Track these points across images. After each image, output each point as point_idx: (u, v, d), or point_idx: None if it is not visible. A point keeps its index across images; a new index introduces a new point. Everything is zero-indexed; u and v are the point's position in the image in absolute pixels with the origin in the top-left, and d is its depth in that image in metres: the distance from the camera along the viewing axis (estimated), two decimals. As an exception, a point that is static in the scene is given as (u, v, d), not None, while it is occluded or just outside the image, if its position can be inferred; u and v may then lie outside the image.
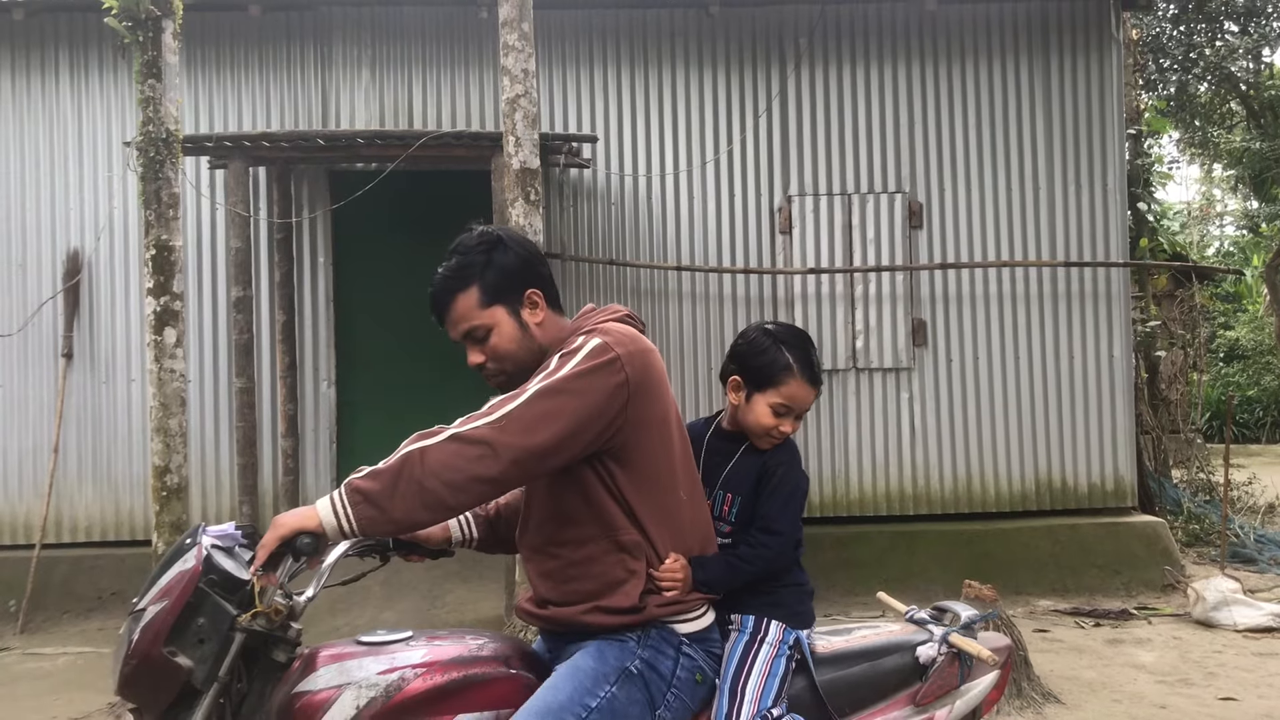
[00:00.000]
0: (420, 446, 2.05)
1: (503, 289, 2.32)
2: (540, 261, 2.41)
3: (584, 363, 2.16)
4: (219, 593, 2.15)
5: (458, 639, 2.28)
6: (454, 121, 7.92)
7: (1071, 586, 7.56)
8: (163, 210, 5.34)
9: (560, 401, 2.11)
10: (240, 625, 2.12)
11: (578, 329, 2.33)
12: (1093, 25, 8.09)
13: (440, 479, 2.02)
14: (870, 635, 2.56)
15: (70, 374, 7.78)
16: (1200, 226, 26.76)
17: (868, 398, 7.94)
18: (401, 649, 2.21)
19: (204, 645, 2.14)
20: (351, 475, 2.08)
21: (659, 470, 2.28)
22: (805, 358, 2.48)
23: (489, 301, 2.32)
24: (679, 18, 7.98)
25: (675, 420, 2.35)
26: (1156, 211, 13.18)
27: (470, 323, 2.32)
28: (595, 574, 2.26)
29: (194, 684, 2.13)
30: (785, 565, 2.45)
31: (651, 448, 2.25)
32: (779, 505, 2.44)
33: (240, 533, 2.36)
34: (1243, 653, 6.20)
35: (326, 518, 2.05)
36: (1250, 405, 20.29)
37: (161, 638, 2.13)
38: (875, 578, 7.33)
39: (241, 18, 7.75)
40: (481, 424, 2.08)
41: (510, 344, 2.32)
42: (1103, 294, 8.01)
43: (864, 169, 8.01)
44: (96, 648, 6.65)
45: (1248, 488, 11.25)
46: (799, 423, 2.51)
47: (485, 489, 2.10)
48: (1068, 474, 7.98)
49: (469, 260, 2.33)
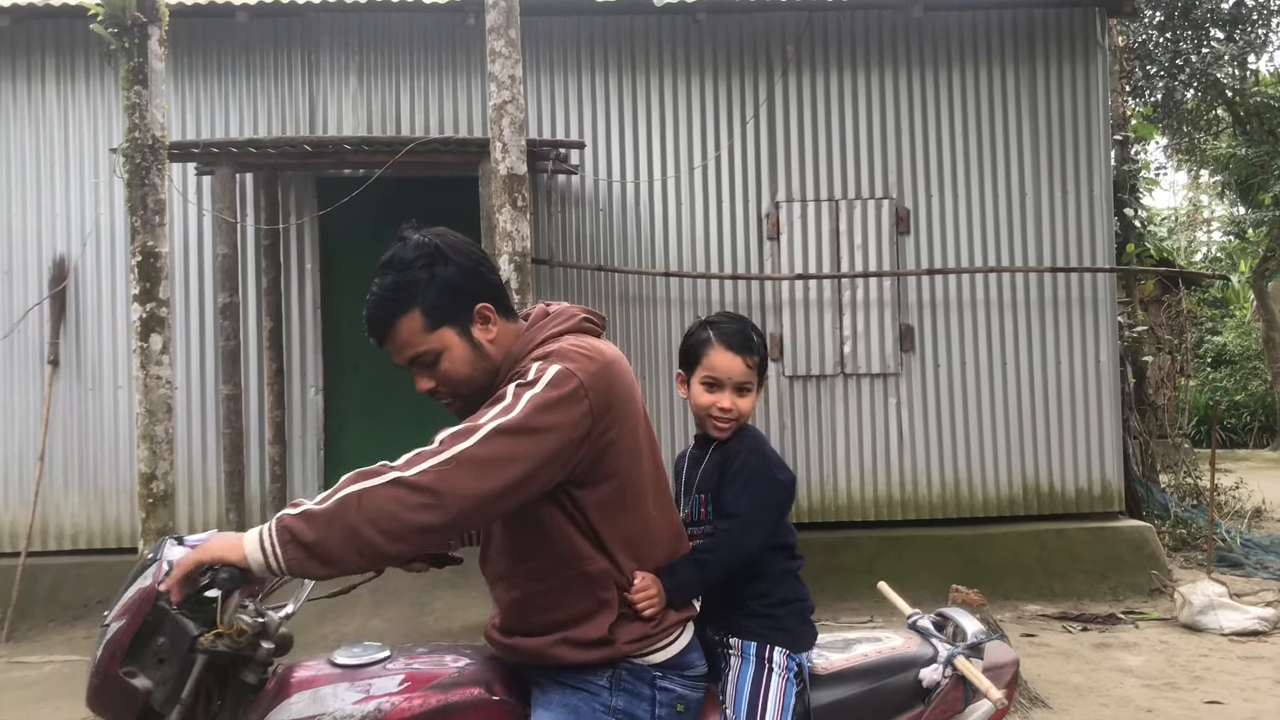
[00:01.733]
0: (358, 489, 1.85)
1: (449, 308, 2.10)
2: (488, 268, 2.19)
3: (544, 394, 1.95)
4: (182, 611, 2.04)
5: (436, 660, 2.17)
6: (441, 128, 7.92)
7: (1059, 591, 7.58)
8: (149, 217, 5.33)
9: (518, 443, 1.91)
10: (201, 646, 2.02)
11: (532, 344, 2.13)
12: (1079, 32, 8.13)
13: (377, 527, 1.82)
14: (871, 652, 2.46)
15: (56, 381, 7.75)
16: (1187, 232, 26.86)
17: (855, 403, 7.96)
18: (378, 674, 2.10)
19: (164, 666, 2.05)
20: (286, 509, 1.89)
21: (626, 489, 2.11)
22: (726, 329, 2.42)
23: (435, 324, 2.09)
24: (667, 24, 8.00)
25: (643, 426, 2.18)
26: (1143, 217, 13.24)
27: (416, 349, 2.10)
28: (562, 605, 2.12)
29: (153, 706, 2.04)
30: (751, 550, 2.31)
31: (619, 467, 2.09)
32: (736, 489, 2.34)
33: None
34: (1229, 656, 6.22)
35: (253, 553, 1.85)
36: (1237, 410, 20.40)
37: (118, 658, 2.05)
38: (863, 583, 7.33)
39: (229, 24, 7.74)
40: (428, 466, 1.86)
41: (463, 367, 2.11)
42: (1089, 299, 8.04)
43: (851, 175, 8.03)
44: (82, 656, 6.61)
45: (1234, 492, 11.29)
46: (744, 398, 2.40)
47: (428, 539, 1.91)
48: (1055, 479, 8.00)
49: (408, 278, 2.09)
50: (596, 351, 2.07)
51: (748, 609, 2.34)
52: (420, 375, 2.14)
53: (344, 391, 8.06)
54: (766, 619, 2.34)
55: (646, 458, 2.17)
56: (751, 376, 2.41)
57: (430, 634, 6.44)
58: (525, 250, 6.01)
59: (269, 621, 2.11)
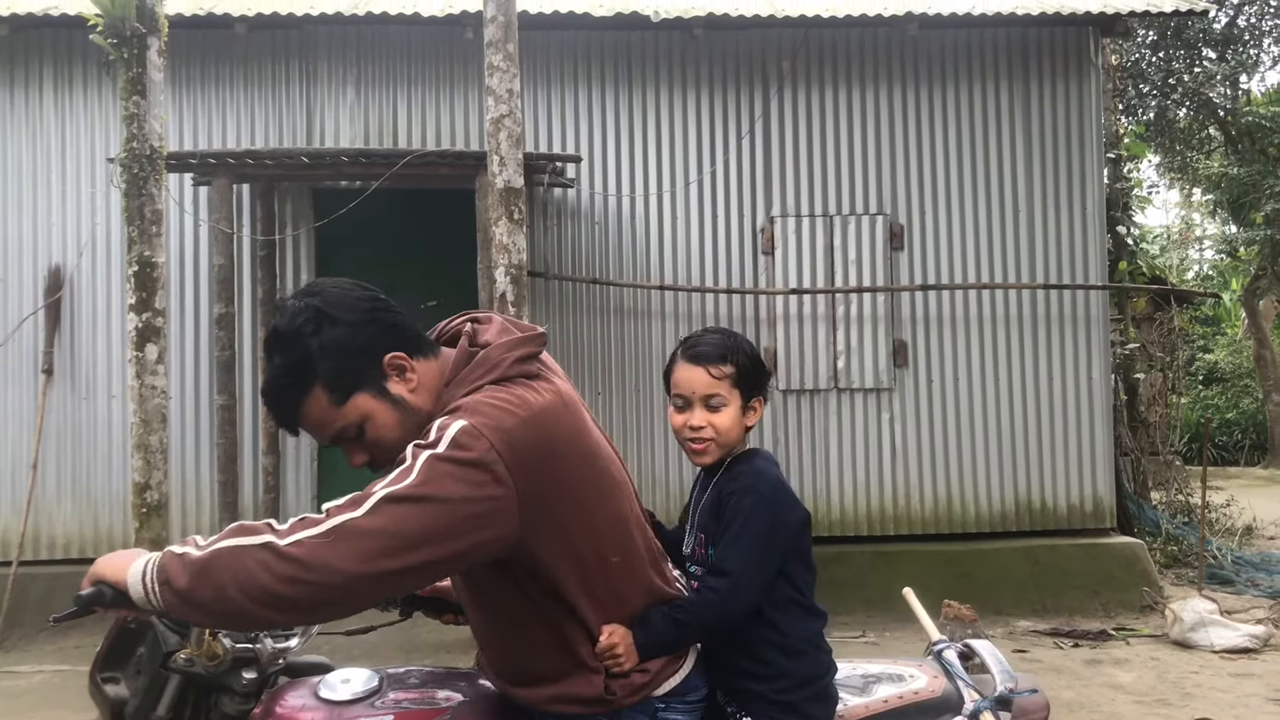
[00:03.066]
0: (231, 546, 1.64)
1: (354, 373, 1.85)
2: (383, 308, 1.92)
3: (445, 455, 1.71)
4: (166, 624, 1.98)
5: (427, 695, 2.02)
6: (438, 140, 7.95)
7: (1051, 607, 7.59)
8: (146, 226, 5.34)
9: (411, 514, 1.66)
10: (172, 664, 1.97)
11: (455, 397, 1.87)
12: (1072, 51, 8.19)
13: (244, 592, 1.62)
14: (893, 697, 2.28)
15: (50, 390, 7.74)
16: (1180, 250, 26.98)
17: (849, 418, 7.98)
18: (364, 713, 1.95)
19: (139, 678, 2.03)
20: (174, 545, 1.71)
21: (579, 542, 1.87)
22: (692, 340, 2.21)
23: (344, 395, 1.84)
24: (663, 40, 8.04)
25: (602, 464, 1.94)
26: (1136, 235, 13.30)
27: (334, 427, 1.87)
28: (542, 659, 1.96)
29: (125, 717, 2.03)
30: (738, 614, 2.07)
31: (568, 518, 1.85)
32: (728, 540, 2.09)
33: None
34: (1219, 673, 6.24)
35: (134, 584, 1.67)
36: (1229, 428, 20.44)
37: (96, 664, 2.06)
38: (855, 598, 7.37)
39: (227, 35, 7.76)
40: (304, 536, 1.63)
41: (392, 432, 1.87)
42: (1082, 316, 8.08)
43: (846, 191, 8.07)
44: (74, 665, 6.57)
45: (1226, 510, 11.31)
46: (718, 414, 2.15)
47: (301, 615, 1.73)
48: (1047, 495, 8.02)
49: (297, 355, 1.82)
50: (519, 402, 1.80)
51: (763, 692, 2.11)
52: (351, 450, 1.92)
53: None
54: (784, 705, 2.11)
55: (607, 499, 1.94)
56: (720, 388, 2.14)
57: (424, 646, 6.45)
58: (521, 263, 6.03)
59: (260, 650, 2.03)
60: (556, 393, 1.88)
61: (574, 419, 1.89)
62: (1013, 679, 2.37)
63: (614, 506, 1.95)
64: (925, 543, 7.90)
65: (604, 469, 1.94)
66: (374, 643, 6.09)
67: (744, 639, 2.13)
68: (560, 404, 1.87)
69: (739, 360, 2.17)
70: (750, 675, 2.12)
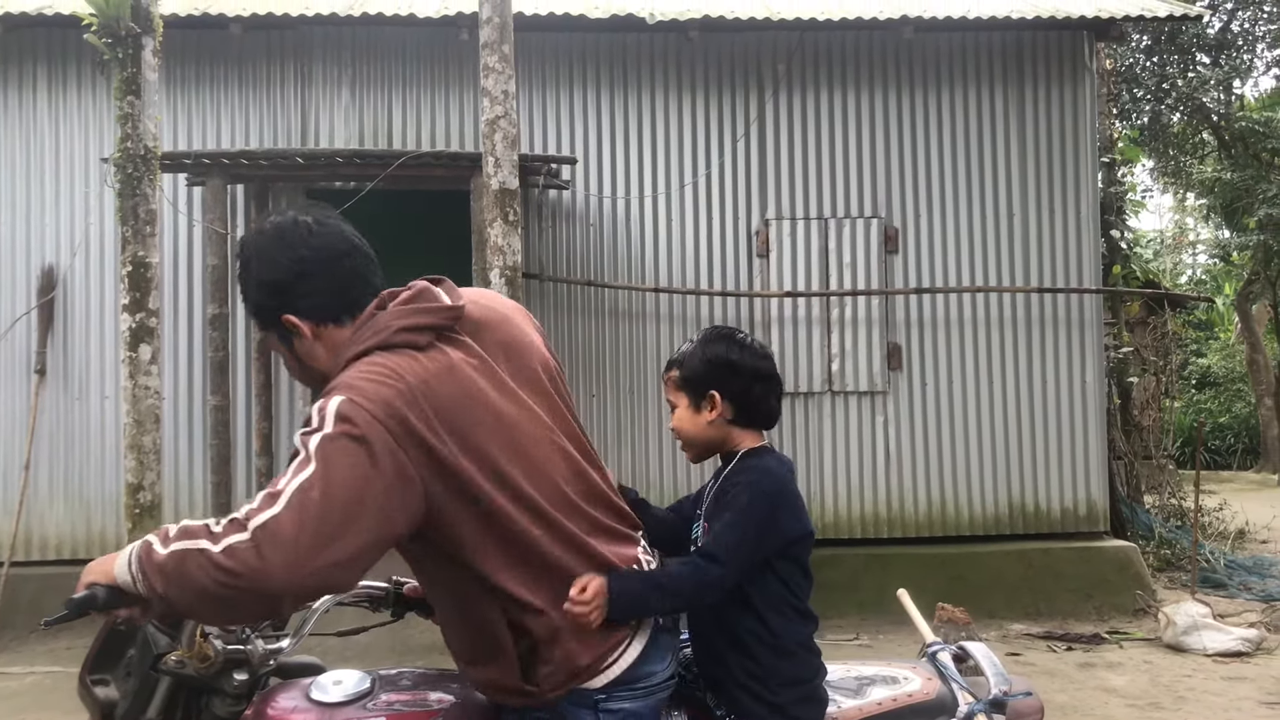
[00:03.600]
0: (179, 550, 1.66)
1: (260, 318, 2.00)
2: (297, 273, 1.94)
3: (335, 439, 1.70)
4: (156, 626, 1.99)
5: (419, 697, 2.02)
6: (433, 142, 7.94)
7: (1044, 610, 7.61)
8: (139, 227, 5.33)
9: (324, 503, 1.66)
10: (162, 666, 1.97)
11: (344, 350, 1.91)
12: (1066, 56, 8.21)
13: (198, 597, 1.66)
14: (887, 700, 2.28)
15: (43, 390, 7.72)
16: (1173, 255, 27.06)
17: (843, 421, 7.98)
18: (356, 715, 1.94)
19: (130, 680, 2.03)
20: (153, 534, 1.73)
21: (495, 513, 1.84)
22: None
23: (262, 328, 2.04)
24: (659, 42, 8.04)
25: (506, 434, 1.88)
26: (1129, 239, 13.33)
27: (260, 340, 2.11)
28: (471, 644, 1.97)
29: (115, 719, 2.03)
30: (716, 592, 2.09)
31: (478, 492, 1.82)
32: (722, 525, 2.12)
33: None
34: (1212, 677, 6.25)
35: (123, 577, 1.70)
36: (1222, 432, 20.52)
37: (87, 665, 2.06)
38: (849, 600, 7.37)
39: (222, 36, 7.75)
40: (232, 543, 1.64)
41: (294, 371, 2.04)
42: (1076, 320, 8.09)
43: (841, 194, 8.08)
44: (65, 667, 6.56)
45: (1218, 513, 11.34)
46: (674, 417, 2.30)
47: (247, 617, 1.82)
48: (1040, 498, 8.03)
49: (240, 278, 2.02)
50: (392, 373, 1.79)
51: (751, 690, 2.13)
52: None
53: (332, 404, 8.03)
54: (771, 706, 2.12)
55: (518, 466, 1.88)
56: (669, 393, 2.31)
57: (416, 647, 6.43)
58: (516, 264, 6.03)
59: (251, 651, 2.03)
60: (444, 363, 1.85)
61: (461, 386, 1.84)
62: (1007, 682, 2.37)
63: (530, 475, 1.88)
64: (919, 546, 7.90)
65: (511, 436, 1.88)
66: (366, 644, 6.06)
67: (736, 636, 2.14)
68: (445, 372, 1.83)
69: (685, 364, 2.28)
70: (740, 673, 2.14)
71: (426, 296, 1.96)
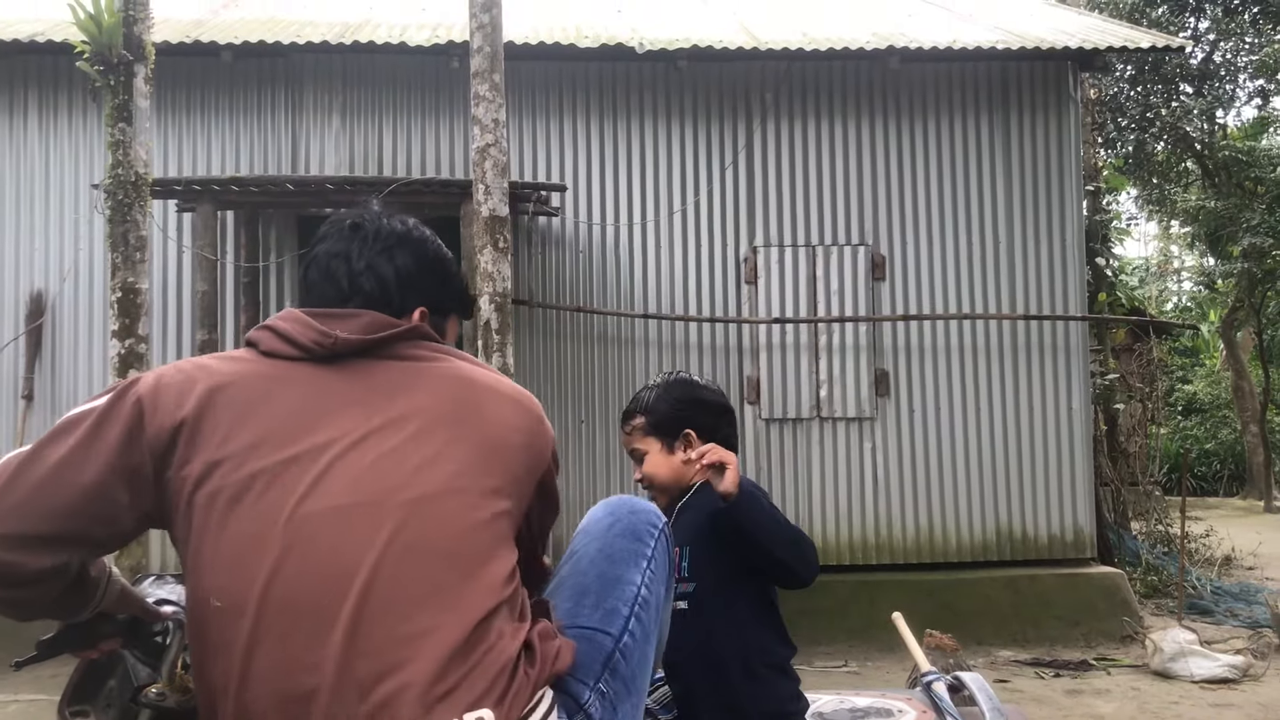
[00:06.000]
0: None
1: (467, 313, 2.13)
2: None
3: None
4: (137, 656, 1.92)
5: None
6: (423, 168, 7.98)
7: (1032, 637, 7.61)
8: (130, 253, 5.34)
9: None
10: (143, 699, 1.89)
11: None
12: (1051, 86, 8.29)
13: None
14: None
15: (30, 416, 7.70)
16: (1159, 282, 27.22)
17: (831, 447, 8.00)
18: None
19: (109, 711, 1.94)
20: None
21: (189, 565, 1.54)
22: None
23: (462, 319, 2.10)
24: (648, 71, 8.11)
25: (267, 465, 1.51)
26: (1115, 267, 13.44)
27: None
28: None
29: None
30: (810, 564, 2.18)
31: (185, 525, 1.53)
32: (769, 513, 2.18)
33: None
34: (1199, 704, 6.26)
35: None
36: (1208, 459, 20.58)
37: (66, 696, 1.96)
38: (838, 627, 7.37)
39: (213, 63, 7.78)
40: None
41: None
42: (1061, 347, 8.14)
43: (828, 221, 8.13)
44: (49, 695, 6.51)
45: (1205, 540, 11.38)
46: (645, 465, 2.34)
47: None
48: (1028, 525, 8.05)
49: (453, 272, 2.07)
50: (196, 366, 1.59)
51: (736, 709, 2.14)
52: None
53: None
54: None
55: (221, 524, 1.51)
56: (634, 441, 2.34)
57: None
58: (506, 291, 6.05)
59: None
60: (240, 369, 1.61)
61: (243, 402, 1.56)
62: (1003, 716, 2.36)
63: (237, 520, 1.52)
64: (907, 572, 7.91)
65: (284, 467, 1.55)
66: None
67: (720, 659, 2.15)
68: (233, 383, 1.57)
69: (652, 410, 2.32)
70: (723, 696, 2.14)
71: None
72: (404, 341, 1.67)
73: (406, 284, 1.78)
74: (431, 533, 1.50)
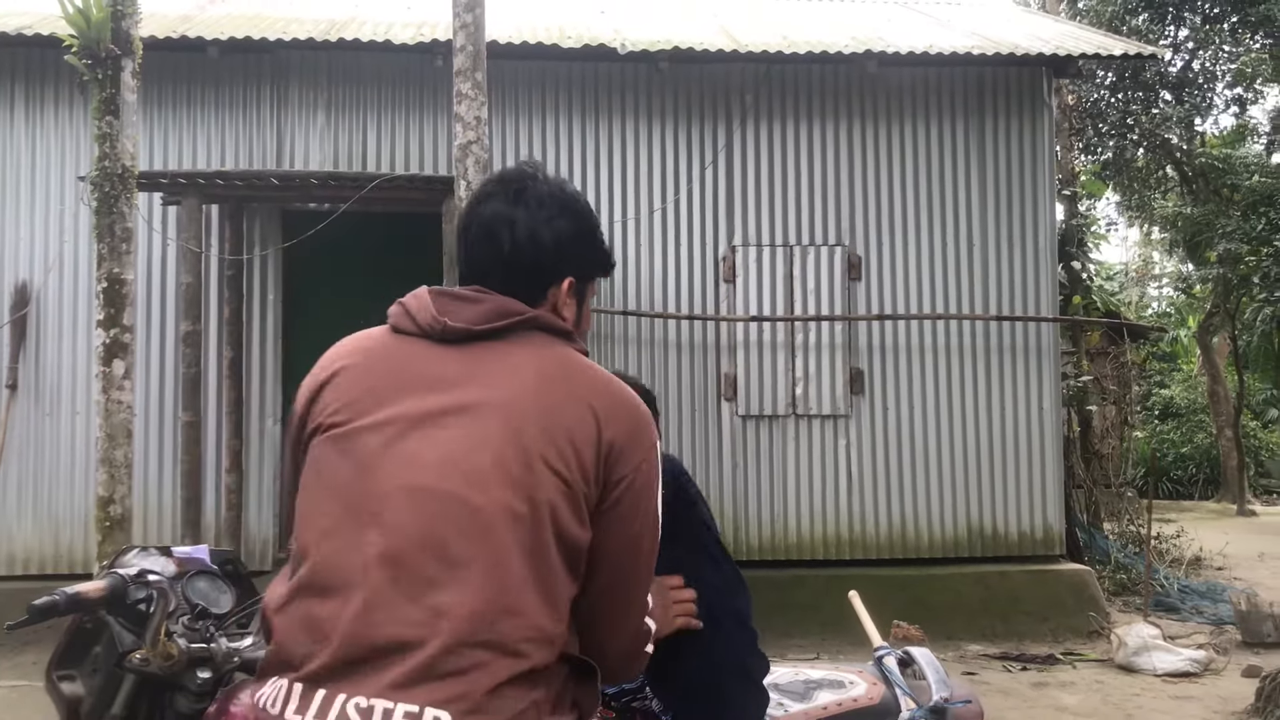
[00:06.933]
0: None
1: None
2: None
3: None
4: (122, 623, 2.03)
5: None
6: (406, 164, 8.07)
7: (1001, 632, 7.75)
8: (116, 244, 5.41)
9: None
10: (128, 664, 2.00)
11: None
12: (1026, 91, 8.44)
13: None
14: (832, 704, 2.35)
15: (14, 405, 7.77)
16: (1139, 287, 27.46)
17: (806, 444, 8.13)
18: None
19: (95, 676, 2.06)
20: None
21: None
22: None
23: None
24: (629, 72, 8.22)
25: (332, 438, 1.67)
26: (1094, 271, 13.59)
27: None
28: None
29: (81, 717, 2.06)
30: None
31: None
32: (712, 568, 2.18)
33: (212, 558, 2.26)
34: (1160, 696, 6.41)
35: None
36: (1184, 462, 20.79)
37: (52, 661, 2.10)
38: (811, 620, 7.49)
39: (200, 58, 7.85)
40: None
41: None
42: (1033, 348, 8.29)
43: (806, 222, 8.26)
44: (31, 681, 6.59)
45: (1175, 541, 11.55)
46: None
47: None
48: (999, 522, 8.19)
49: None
50: (345, 341, 1.79)
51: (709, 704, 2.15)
52: None
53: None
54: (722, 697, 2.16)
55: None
56: None
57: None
58: (486, 286, 6.14)
59: (215, 649, 2.07)
60: (354, 342, 1.80)
61: (327, 373, 1.74)
62: (948, 688, 2.45)
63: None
64: (880, 567, 8.03)
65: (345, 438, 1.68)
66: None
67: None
68: (339, 353, 1.77)
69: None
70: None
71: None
72: (517, 332, 1.71)
73: (562, 252, 1.84)
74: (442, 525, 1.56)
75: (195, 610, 2.18)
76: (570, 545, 1.57)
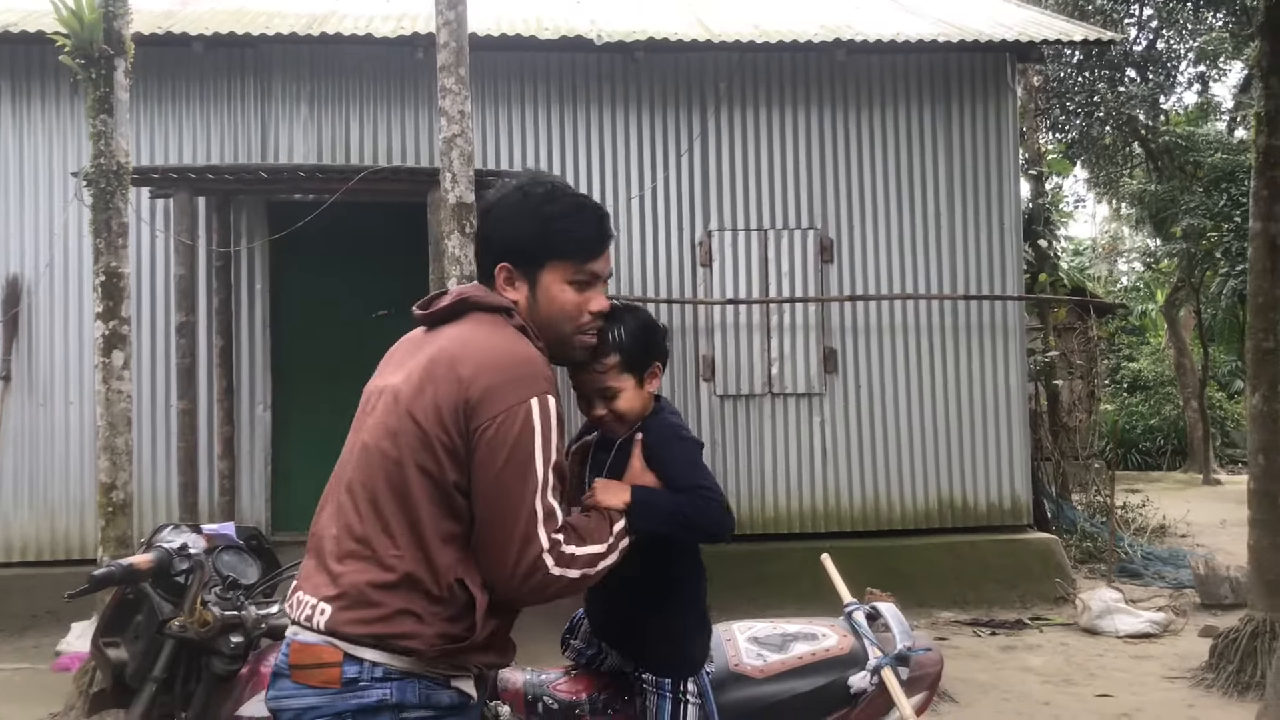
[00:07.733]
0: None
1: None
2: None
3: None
4: (161, 593, 2.26)
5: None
6: (389, 156, 8.23)
7: (971, 599, 8.05)
8: (112, 239, 5.58)
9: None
10: (168, 630, 2.22)
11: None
12: (990, 76, 8.69)
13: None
14: (806, 654, 2.57)
15: (8, 396, 7.91)
16: (1108, 262, 27.81)
17: (782, 421, 8.38)
18: None
19: (138, 642, 2.28)
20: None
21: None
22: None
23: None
24: (606, 62, 8.41)
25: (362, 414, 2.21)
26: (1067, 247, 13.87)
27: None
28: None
29: (125, 679, 2.27)
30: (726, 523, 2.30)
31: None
32: (686, 467, 2.33)
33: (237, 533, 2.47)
34: (1121, 656, 6.73)
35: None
36: (1152, 434, 21.16)
37: (99, 629, 2.33)
38: (789, 592, 7.73)
39: (184, 53, 7.97)
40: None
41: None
42: (1000, 326, 8.56)
43: (779, 206, 8.49)
44: (32, 664, 6.74)
45: (1141, 510, 11.88)
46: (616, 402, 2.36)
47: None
48: (968, 494, 8.48)
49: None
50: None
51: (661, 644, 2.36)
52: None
53: (290, 408, 8.28)
54: (677, 652, 2.36)
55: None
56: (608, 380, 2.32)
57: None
58: (473, 274, 6.33)
59: (245, 616, 2.30)
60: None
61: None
62: (910, 638, 2.70)
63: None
64: (854, 539, 8.29)
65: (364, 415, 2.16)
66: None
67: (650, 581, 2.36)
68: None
69: (626, 348, 2.33)
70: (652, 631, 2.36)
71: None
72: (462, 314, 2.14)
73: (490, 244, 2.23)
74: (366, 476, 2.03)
75: (226, 581, 2.42)
76: (436, 482, 1.95)
